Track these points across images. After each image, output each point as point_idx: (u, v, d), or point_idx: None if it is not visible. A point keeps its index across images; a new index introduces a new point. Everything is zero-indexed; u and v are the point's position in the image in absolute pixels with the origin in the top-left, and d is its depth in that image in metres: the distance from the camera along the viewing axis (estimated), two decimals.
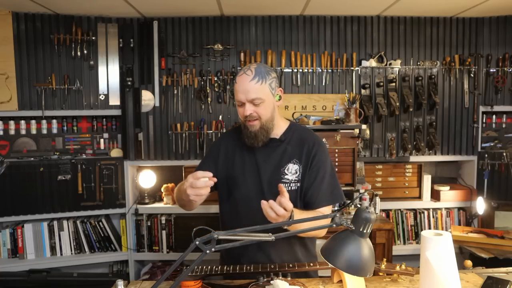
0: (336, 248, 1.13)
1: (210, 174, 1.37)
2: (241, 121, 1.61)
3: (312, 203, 1.58)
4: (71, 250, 3.14)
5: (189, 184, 1.36)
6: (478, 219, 3.29)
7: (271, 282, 1.35)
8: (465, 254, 2.85)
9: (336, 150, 2.95)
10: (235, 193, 1.63)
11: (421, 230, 3.30)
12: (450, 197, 3.30)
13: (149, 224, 3.22)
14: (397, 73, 3.25)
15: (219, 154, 1.70)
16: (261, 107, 1.54)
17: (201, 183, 1.35)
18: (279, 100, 1.62)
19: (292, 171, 1.59)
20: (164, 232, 3.21)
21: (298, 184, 1.59)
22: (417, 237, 3.32)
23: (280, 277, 1.40)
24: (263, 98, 1.54)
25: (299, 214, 1.41)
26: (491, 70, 3.26)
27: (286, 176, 1.58)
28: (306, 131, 1.70)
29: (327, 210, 1.58)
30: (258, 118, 1.54)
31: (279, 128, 1.64)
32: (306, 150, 1.60)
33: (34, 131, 3.11)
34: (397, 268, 1.45)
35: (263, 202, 1.32)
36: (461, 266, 1.76)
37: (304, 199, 1.60)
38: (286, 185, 1.57)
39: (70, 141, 3.19)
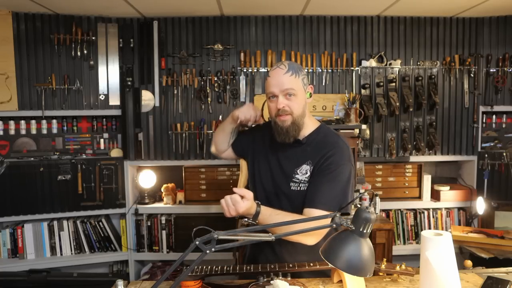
0: (336, 248, 1.13)
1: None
2: (271, 118, 1.59)
3: (306, 201, 1.49)
4: (71, 250, 3.14)
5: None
6: (478, 219, 3.29)
7: (271, 282, 1.35)
8: (465, 254, 2.85)
9: None
10: (253, 183, 1.68)
11: (421, 230, 3.30)
12: (450, 197, 3.30)
13: (149, 224, 3.22)
14: (397, 73, 3.25)
15: (253, 139, 1.75)
16: (293, 100, 1.52)
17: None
18: (309, 97, 1.60)
19: (303, 171, 1.56)
20: (164, 232, 3.21)
21: (307, 185, 1.55)
22: (417, 237, 3.32)
23: (280, 277, 1.40)
24: (296, 91, 1.52)
25: (269, 212, 1.44)
26: (491, 70, 3.26)
27: (296, 176, 1.56)
28: (332, 134, 1.61)
29: (318, 213, 1.42)
30: (290, 113, 1.52)
31: (307, 129, 1.60)
32: (322, 152, 1.54)
33: (34, 131, 3.11)
34: (397, 268, 1.45)
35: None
36: (461, 266, 1.76)
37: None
38: (296, 185, 1.55)
39: (70, 141, 3.19)
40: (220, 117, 3.18)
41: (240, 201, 1.36)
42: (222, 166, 3.25)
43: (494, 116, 3.37)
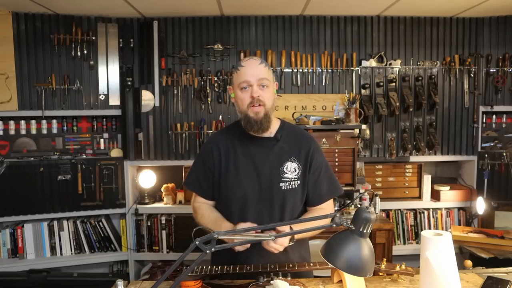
0: (336, 248, 1.13)
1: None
2: (242, 111, 1.55)
3: (316, 200, 1.63)
4: (71, 250, 3.14)
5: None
6: (478, 219, 3.29)
7: (271, 282, 1.35)
8: (465, 254, 2.85)
9: (336, 150, 2.95)
10: (233, 196, 1.59)
11: (421, 230, 3.30)
12: (450, 197, 3.30)
13: (149, 224, 3.22)
14: (397, 73, 3.25)
15: (212, 161, 1.62)
16: (266, 92, 1.54)
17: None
18: (276, 93, 1.64)
19: (291, 169, 1.58)
20: (164, 232, 3.21)
21: (299, 182, 1.58)
22: (417, 237, 3.32)
23: (280, 277, 1.40)
24: (270, 82, 1.55)
25: (299, 227, 1.44)
26: (491, 70, 3.26)
27: (286, 175, 1.57)
28: (298, 129, 1.72)
29: (329, 204, 1.67)
30: (263, 104, 1.52)
31: (273, 126, 1.61)
32: (303, 149, 1.61)
33: (34, 131, 3.11)
34: (397, 268, 1.45)
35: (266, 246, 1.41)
36: (461, 266, 1.76)
37: (307, 197, 1.63)
38: (287, 184, 1.56)
39: (70, 141, 3.19)
40: (220, 117, 3.18)
41: (282, 239, 1.39)
42: None
43: (494, 116, 3.37)
